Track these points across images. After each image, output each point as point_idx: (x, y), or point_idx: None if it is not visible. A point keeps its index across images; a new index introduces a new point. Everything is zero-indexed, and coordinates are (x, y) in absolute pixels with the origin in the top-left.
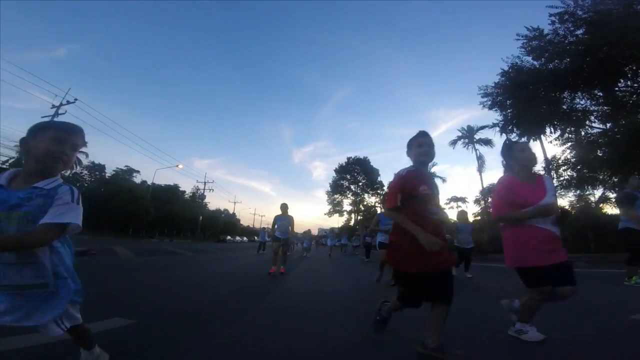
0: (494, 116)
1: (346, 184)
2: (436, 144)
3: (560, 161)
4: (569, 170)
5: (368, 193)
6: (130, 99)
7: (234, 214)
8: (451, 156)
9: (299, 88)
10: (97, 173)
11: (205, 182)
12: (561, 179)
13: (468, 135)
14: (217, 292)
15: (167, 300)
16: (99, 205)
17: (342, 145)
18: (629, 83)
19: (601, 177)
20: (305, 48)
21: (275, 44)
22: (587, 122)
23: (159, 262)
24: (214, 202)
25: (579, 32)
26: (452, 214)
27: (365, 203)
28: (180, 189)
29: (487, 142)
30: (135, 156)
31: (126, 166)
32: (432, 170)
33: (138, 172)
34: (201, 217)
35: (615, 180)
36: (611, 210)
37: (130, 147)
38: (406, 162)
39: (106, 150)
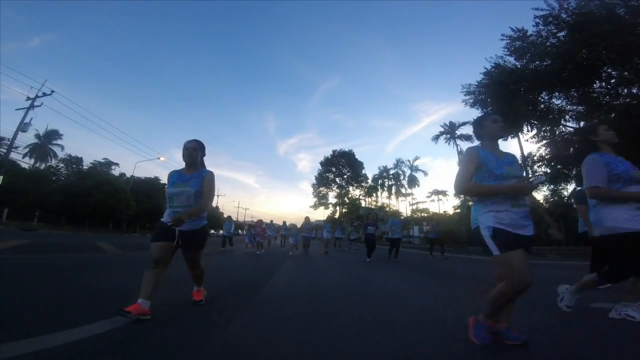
0: (476, 113)
1: (331, 176)
2: (419, 136)
3: (535, 158)
4: (544, 166)
5: (353, 186)
6: (107, 89)
7: (217, 207)
8: (433, 149)
9: (284, 78)
10: (74, 166)
11: None
12: (536, 174)
13: (450, 131)
14: (216, 285)
15: (166, 295)
16: (79, 199)
17: (327, 137)
18: (603, 84)
19: (574, 172)
20: (290, 37)
21: (260, 33)
22: (562, 121)
23: (147, 257)
24: None
25: (561, 34)
26: (433, 207)
27: (350, 196)
28: (161, 181)
29: (468, 137)
30: (114, 148)
31: (104, 159)
32: (415, 163)
33: (117, 164)
34: None
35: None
36: None
37: (108, 139)
38: (391, 153)
39: (83, 143)
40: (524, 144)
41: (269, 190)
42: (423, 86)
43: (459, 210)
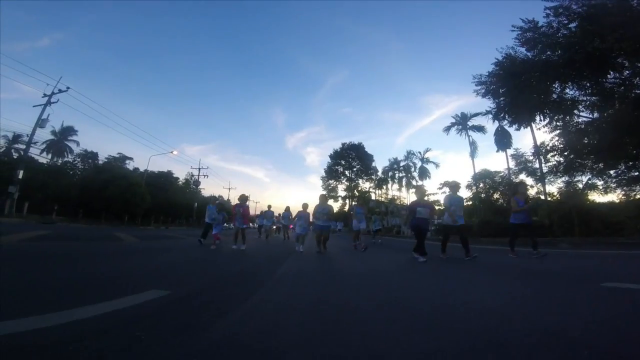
0: (487, 103)
1: (341, 169)
2: (430, 130)
3: (548, 147)
4: (557, 156)
5: (362, 178)
6: (117, 85)
7: (228, 200)
8: (444, 142)
9: (292, 72)
10: (90, 161)
11: (199, 169)
12: (549, 164)
13: (461, 122)
14: (237, 266)
15: (192, 273)
16: (94, 192)
17: (336, 131)
18: (617, 75)
19: (588, 164)
20: (299, 31)
21: (268, 27)
22: (576, 111)
23: (166, 245)
24: (208, 188)
25: (572, 25)
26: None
27: (359, 189)
28: (174, 175)
29: (480, 128)
30: (127, 143)
31: (119, 153)
32: (427, 155)
33: (131, 159)
34: (196, 204)
35: (602, 166)
36: (596, 196)
37: (122, 134)
38: (401, 146)
39: (97, 138)
40: (537, 134)
41: (278, 184)
42: (433, 79)
43: (470, 203)
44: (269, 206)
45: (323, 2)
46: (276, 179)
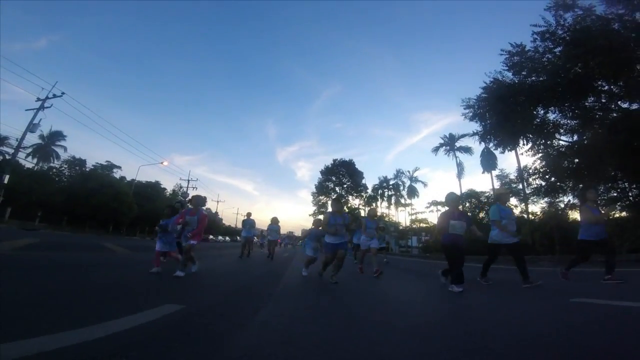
0: (474, 126)
1: (331, 185)
2: (419, 147)
3: (530, 171)
4: (538, 179)
5: (352, 195)
6: (110, 91)
7: (216, 212)
8: (433, 160)
9: (287, 84)
10: (77, 168)
11: (189, 180)
12: (532, 186)
13: (449, 143)
14: (238, 280)
15: (197, 287)
16: (81, 200)
17: (327, 145)
18: (596, 99)
19: (569, 185)
20: (293, 44)
21: (263, 39)
22: (557, 135)
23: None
24: None
25: (557, 49)
26: (432, 218)
27: (349, 205)
28: (162, 186)
29: (467, 149)
30: (116, 151)
31: (107, 161)
32: (415, 174)
33: (119, 167)
34: None
35: (582, 188)
36: (577, 216)
37: (112, 141)
38: (390, 163)
39: (86, 145)
40: (521, 157)
41: (267, 197)
42: (423, 95)
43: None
44: (249, 214)
45: (319, 15)
46: (265, 192)
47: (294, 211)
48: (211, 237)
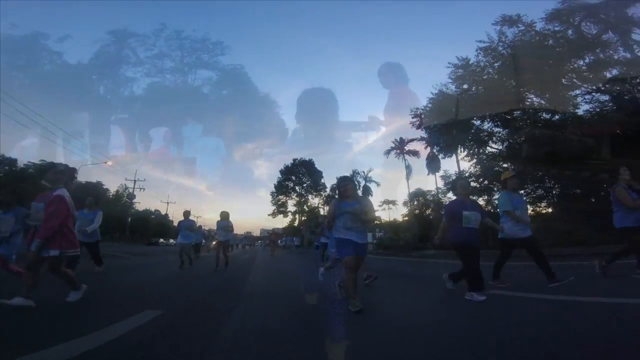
0: (421, 134)
1: (291, 185)
2: (374, 148)
3: (467, 174)
4: (472, 182)
5: (312, 194)
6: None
7: (166, 214)
8: (384, 162)
9: (245, 82)
10: (5, 167)
11: (135, 181)
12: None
13: (399, 147)
14: (204, 286)
15: (170, 294)
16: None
17: (287, 145)
18: (524, 111)
19: (497, 187)
20: (251, 42)
21: (221, 34)
22: (490, 143)
23: (113, 265)
24: (145, 201)
25: (497, 64)
26: (384, 215)
27: (309, 204)
28: (104, 186)
29: (415, 153)
30: (54, 149)
31: (42, 160)
32: (369, 174)
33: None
34: (130, 219)
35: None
36: None
37: (47, 138)
38: (347, 164)
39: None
40: (461, 162)
41: (223, 197)
42: (378, 97)
43: (407, 218)
44: (186, 213)
45: (283, 13)
46: (221, 192)
47: (252, 212)
48: (161, 240)
